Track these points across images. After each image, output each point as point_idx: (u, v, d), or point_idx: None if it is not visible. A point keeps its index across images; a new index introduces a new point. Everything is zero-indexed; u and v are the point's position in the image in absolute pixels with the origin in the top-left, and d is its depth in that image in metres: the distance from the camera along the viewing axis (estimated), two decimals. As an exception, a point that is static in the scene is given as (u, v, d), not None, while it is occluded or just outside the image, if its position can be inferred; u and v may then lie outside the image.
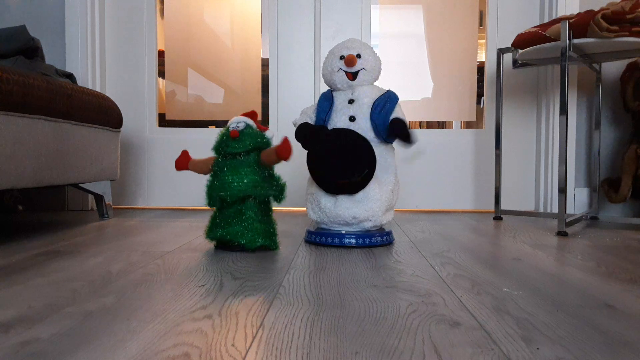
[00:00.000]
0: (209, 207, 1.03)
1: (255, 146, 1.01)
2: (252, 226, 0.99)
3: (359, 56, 1.11)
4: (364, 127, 1.08)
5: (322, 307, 0.63)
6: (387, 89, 1.12)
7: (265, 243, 1.00)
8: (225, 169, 1.00)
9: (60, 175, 1.23)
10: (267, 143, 1.04)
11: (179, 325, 0.56)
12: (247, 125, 1.03)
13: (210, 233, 1.03)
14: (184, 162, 1.09)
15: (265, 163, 1.02)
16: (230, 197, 0.98)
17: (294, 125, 1.13)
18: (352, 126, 1.08)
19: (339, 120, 1.10)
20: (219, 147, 1.03)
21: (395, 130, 1.06)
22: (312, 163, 1.04)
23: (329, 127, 1.10)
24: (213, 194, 1.01)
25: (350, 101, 1.10)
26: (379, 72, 1.14)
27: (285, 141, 0.97)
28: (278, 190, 1.02)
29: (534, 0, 1.80)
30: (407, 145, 1.06)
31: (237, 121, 1.04)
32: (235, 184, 0.98)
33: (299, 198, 1.85)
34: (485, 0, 1.82)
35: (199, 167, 1.07)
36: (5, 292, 0.69)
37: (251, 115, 1.08)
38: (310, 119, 1.13)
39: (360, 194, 1.04)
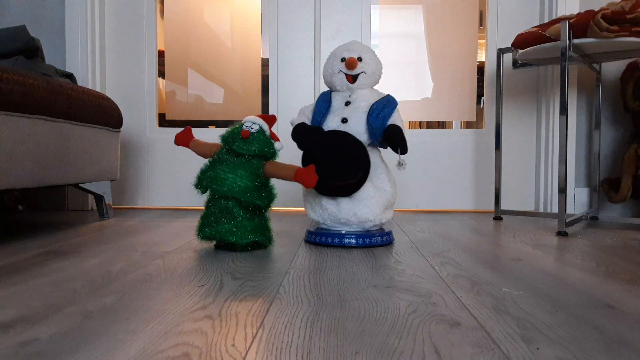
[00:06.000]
0: (195, 188, 1.01)
1: (261, 154, 1.00)
2: (241, 224, 0.98)
3: (360, 59, 1.10)
4: (354, 130, 1.07)
5: (322, 307, 0.63)
6: (387, 93, 1.12)
7: (256, 239, 0.99)
8: (224, 164, 0.99)
9: (60, 175, 1.23)
10: (273, 154, 1.02)
11: (179, 325, 0.56)
12: (260, 130, 1.01)
13: (200, 232, 1.02)
14: (185, 138, 1.05)
15: (269, 174, 1.00)
16: (219, 192, 0.97)
17: (291, 124, 1.13)
18: (344, 128, 1.07)
19: (332, 121, 1.09)
20: (227, 139, 1.01)
21: (394, 139, 1.04)
22: (308, 164, 1.04)
23: (324, 129, 1.10)
24: (203, 181, 1.00)
25: (347, 103, 1.10)
26: (379, 76, 1.14)
27: (312, 169, 0.95)
28: (266, 200, 1.00)
29: (534, 0, 1.80)
30: (399, 152, 1.05)
31: (252, 121, 1.01)
32: (228, 182, 0.97)
33: (300, 198, 1.85)
34: (485, 0, 1.82)
35: (202, 150, 1.04)
36: (5, 292, 0.69)
37: (270, 119, 1.05)
38: (308, 119, 1.13)
39: (359, 194, 1.04)
